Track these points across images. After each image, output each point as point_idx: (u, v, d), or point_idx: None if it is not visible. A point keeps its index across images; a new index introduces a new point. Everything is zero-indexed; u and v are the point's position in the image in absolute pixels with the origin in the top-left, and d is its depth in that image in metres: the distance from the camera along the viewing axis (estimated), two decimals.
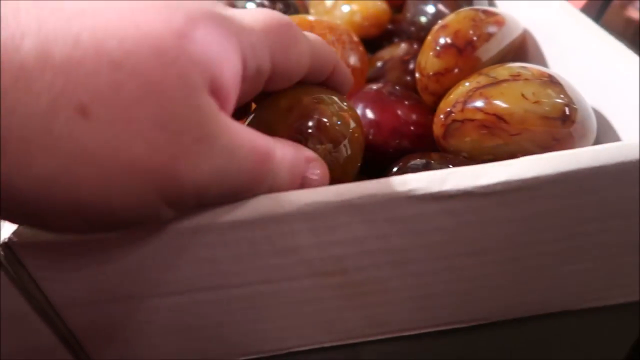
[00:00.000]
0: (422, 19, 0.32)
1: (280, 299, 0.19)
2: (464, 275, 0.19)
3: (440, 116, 0.23)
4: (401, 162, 0.23)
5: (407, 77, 0.31)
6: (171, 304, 0.19)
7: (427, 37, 0.27)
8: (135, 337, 0.20)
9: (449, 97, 0.24)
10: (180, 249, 0.17)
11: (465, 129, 0.22)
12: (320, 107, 0.19)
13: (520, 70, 0.22)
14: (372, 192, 0.16)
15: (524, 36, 0.29)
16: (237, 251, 0.17)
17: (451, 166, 0.21)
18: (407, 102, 0.26)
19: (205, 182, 0.14)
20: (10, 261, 0.16)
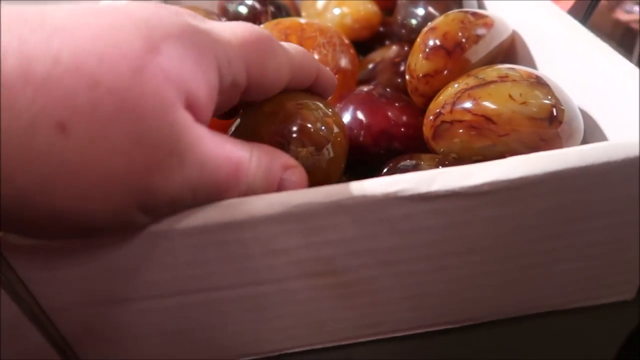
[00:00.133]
0: (413, 21, 0.32)
1: (270, 300, 0.19)
2: (455, 275, 0.20)
3: (429, 117, 0.24)
4: (391, 163, 0.23)
5: (398, 79, 0.31)
6: (162, 306, 0.19)
7: (416, 40, 0.27)
8: (126, 340, 0.20)
9: (438, 98, 0.24)
10: (170, 252, 0.17)
11: (454, 130, 0.22)
12: (302, 111, 0.19)
13: (508, 71, 0.22)
14: (361, 193, 0.16)
15: (513, 37, 0.29)
16: (228, 253, 0.17)
17: (440, 167, 0.21)
18: (397, 104, 0.27)
19: (178, 192, 0.15)
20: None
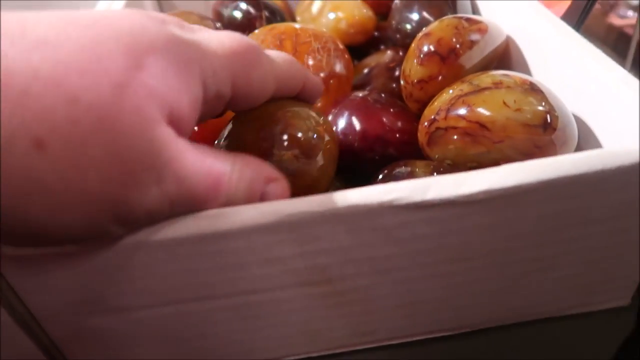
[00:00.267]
0: (407, 26, 0.32)
1: (265, 309, 0.19)
2: (449, 282, 0.20)
3: (424, 123, 0.24)
4: (386, 169, 0.23)
5: (393, 84, 0.31)
6: (156, 315, 0.19)
7: (411, 45, 0.27)
8: (118, 349, 0.20)
9: (433, 104, 0.24)
10: (164, 261, 0.17)
11: (448, 136, 0.22)
12: (287, 116, 0.20)
13: (502, 78, 0.22)
14: (355, 202, 0.16)
15: (507, 42, 0.29)
16: (222, 262, 0.17)
17: (435, 174, 0.21)
18: (392, 110, 0.27)
19: (156, 206, 0.15)
20: None
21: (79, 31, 0.13)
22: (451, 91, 0.23)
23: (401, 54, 0.33)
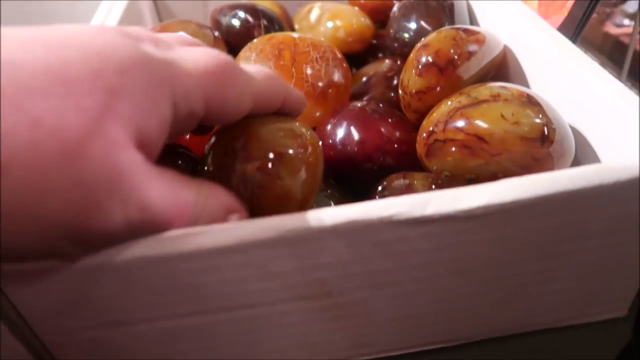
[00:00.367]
0: (405, 35, 0.32)
1: (264, 322, 0.19)
2: (447, 295, 0.20)
3: (423, 135, 0.24)
4: (385, 181, 0.23)
5: (391, 93, 0.32)
6: (154, 329, 0.19)
7: (409, 55, 0.27)
8: None
9: (432, 115, 0.24)
10: (164, 276, 0.17)
11: (447, 148, 0.22)
12: (257, 129, 0.19)
13: (500, 90, 0.22)
14: (354, 218, 0.16)
15: (505, 53, 0.30)
16: (221, 276, 0.17)
17: (434, 186, 0.21)
18: (390, 120, 0.27)
19: (116, 231, 0.14)
20: None
21: (46, 51, 0.13)
22: (449, 103, 0.23)
23: (399, 62, 0.33)
